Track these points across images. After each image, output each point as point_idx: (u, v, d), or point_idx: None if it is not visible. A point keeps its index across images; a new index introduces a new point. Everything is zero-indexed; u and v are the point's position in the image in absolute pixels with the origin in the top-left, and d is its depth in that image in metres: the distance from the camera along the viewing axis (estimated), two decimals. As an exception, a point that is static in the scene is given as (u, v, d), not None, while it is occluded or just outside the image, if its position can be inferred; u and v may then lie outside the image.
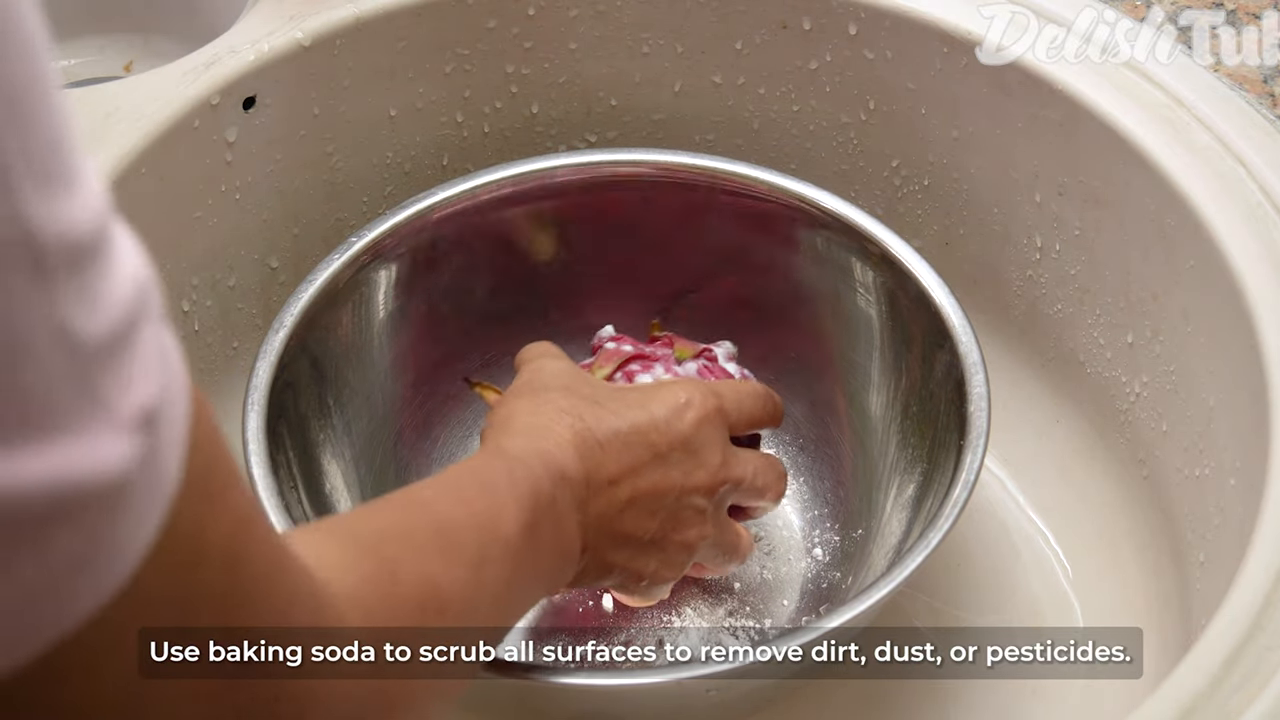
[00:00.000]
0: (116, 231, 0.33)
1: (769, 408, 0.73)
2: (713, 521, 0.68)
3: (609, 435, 0.64)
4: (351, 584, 0.45)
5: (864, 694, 0.78)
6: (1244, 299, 0.71)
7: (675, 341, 0.77)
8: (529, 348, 0.72)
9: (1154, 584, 0.80)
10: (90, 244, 0.31)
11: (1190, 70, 0.80)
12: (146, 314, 0.33)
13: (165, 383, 0.34)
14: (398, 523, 0.52)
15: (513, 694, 0.69)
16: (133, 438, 0.32)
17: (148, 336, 0.33)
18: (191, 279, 0.83)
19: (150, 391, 0.33)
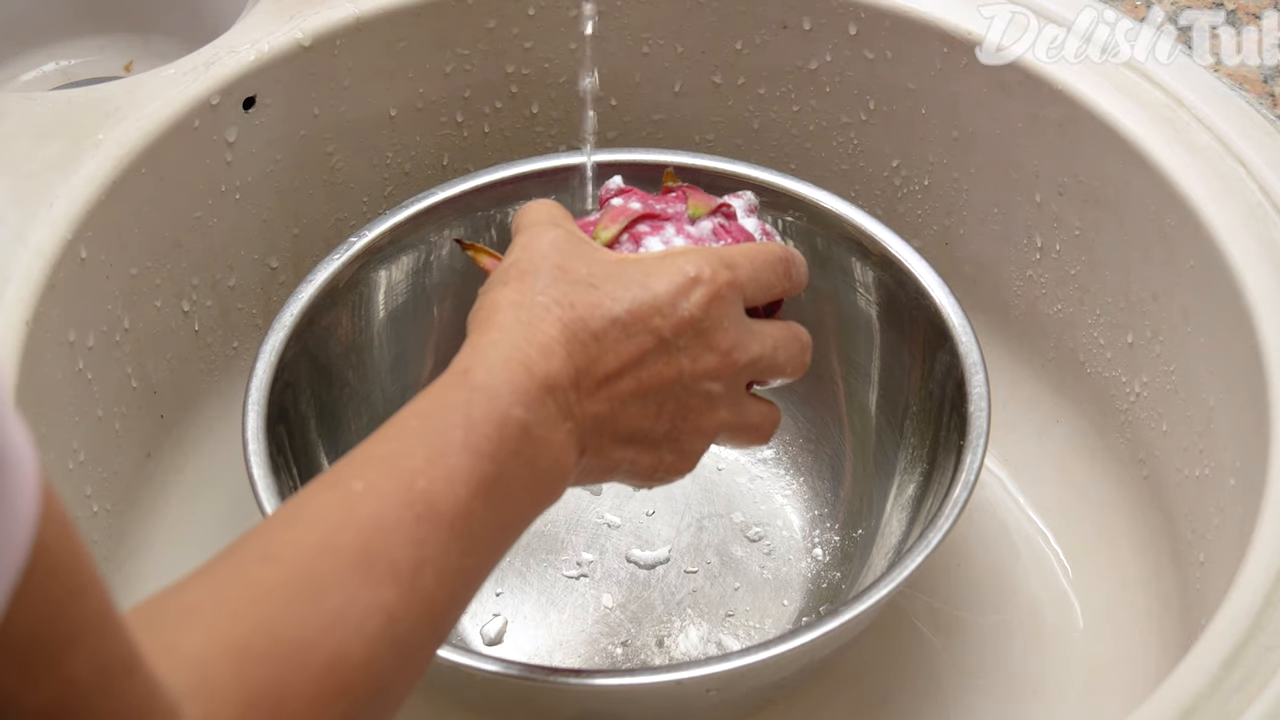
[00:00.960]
0: None
1: (790, 274, 0.64)
2: (729, 405, 0.62)
3: (605, 324, 0.57)
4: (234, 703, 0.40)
5: (864, 694, 0.78)
6: (1244, 299, 0.71)
7: (690, 195, 0.68)
8: (527, 209, 0.64)
9: (1154, 584, 0.80)
10: None
11: (1190, 70, 0.80)
12: None
13: None
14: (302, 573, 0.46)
15: (513, 694, 0.69)
16: None
17: None
18: (191, 279, 0.83)
19: None
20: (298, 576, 0.45)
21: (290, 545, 0.47)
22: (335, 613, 0.45)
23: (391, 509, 0.49)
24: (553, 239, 0.60)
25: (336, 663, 0.44)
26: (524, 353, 0.55)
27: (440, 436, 0.52)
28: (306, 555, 0.46)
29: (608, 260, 0.60)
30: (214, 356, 0.86)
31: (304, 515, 0.49)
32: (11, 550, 0.30)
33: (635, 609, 0.80)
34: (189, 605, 0.44)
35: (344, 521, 0.48)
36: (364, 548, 0.47)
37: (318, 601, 0.45)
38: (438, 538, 0.49)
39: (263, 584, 0.45)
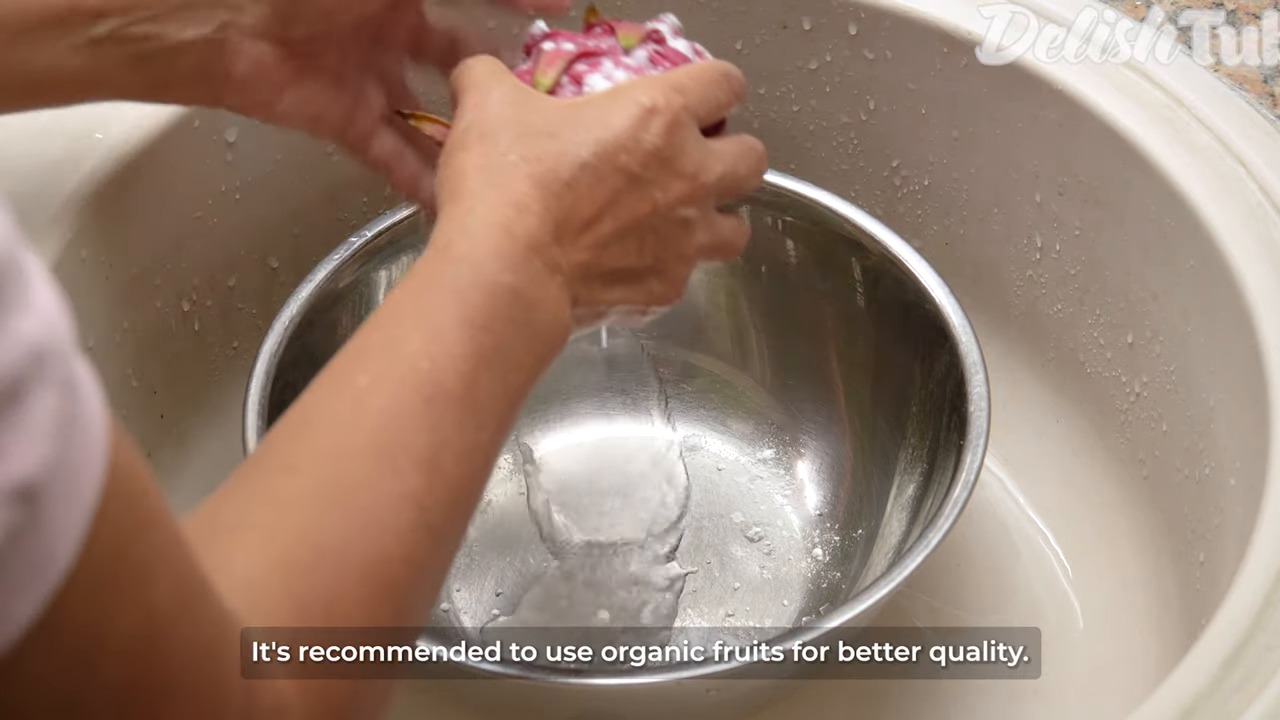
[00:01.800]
0: (17, 282, 0.30)
1: (734, 87, 0.64)
2: (704, 227, 0.61)
3: (575, 171, 0.56)
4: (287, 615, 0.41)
5: (864, 694, 0.78)
6: (1244, 299, 0.71)
7: (616, 28, 0.66)
8: (464, 68, 0.61)
9: (1154, 584, 0.80)
10: None
11: (1190, 70, 0.80)
12: (39, 382, 0.30)
13: (59, 457, 0.31)
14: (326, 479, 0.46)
15: (513, 694, 0.69)
16: (3, 511, 0.29)
17: (37, 405, 0.30)
18: (191, 279, 0.83)
19: (31, 464, 0.30)
20: (323, 483, 0.46)
21: (308, 452, 0.47)
22: (366, 513, 0.45)
23: (400, 398, 0.48)
24: (501, 95, 0.59)
25: (377, 562, 0.44)
26: (501, 215, 0.54)
27: (434, 315, 0.51)
28: (327, 460, 0.46)
29: (562, 107, 0.59)
30: (214, 356, 0.86)
31: (315, 418, 0.48)
32: (89, 473, 0.31)
33: (634, 609, 0.80)
34: (227, 527, 0.44)
35: (356, 419, 0.48)
36: (381, 442, 0.47)
37: (347, 505, 0.45)
38: (450, 418, 0.49)
39: (291, 496, 0.45)
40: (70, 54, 0.57)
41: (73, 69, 0.58)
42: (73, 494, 0.31)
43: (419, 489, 0.47)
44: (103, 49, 0.58)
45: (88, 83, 0.59)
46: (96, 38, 0.57)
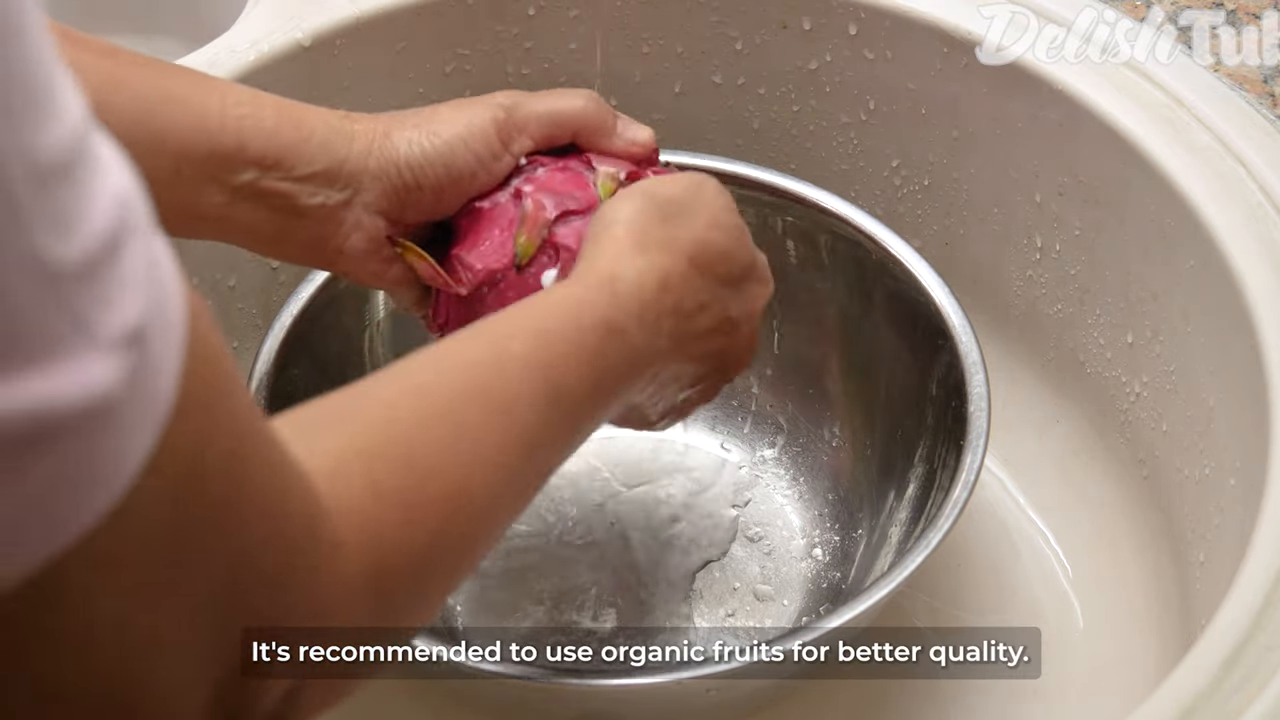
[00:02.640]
0: (95, 148, 0.33)
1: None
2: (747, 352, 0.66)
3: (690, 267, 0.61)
4: (358, 502, 0.44)
5: (864, 694, 0.78)
6: (1244, 299, 0.71)
7: (597, 167, 0.67)
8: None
9: (1154, 584, 0.80)
10: (63, 167, 0.31)
11: (1190, 70, 0.80)
12: (130, 230, 0.33)
13: (154, 298, 0.33)
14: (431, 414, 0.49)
15: (513, 694, 0.69)
16: (117, 358, 0.32)
17: (132, 252, 0.33)
18: (191, 279, 0.82)
19: (136, 309, 0.32)
20: (442, 411, 0.49)
21: (441, 383, 0.50)
22: (468, 452, 0.48)
23: (532, 384, 0.51)
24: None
25: (460, 491, 0.47)
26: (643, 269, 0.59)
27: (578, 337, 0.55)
28: (454, 396, 0.49)
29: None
30: (214, 356, 0.86)
31: (460, 361, 0.52)
32: (175, 309, 0.34)
33: (634, 608, 0.80)
34: (334, 411, 0.47)
35: (492, 380, 0.51)
36: (506, 408, 0.50)
37: (455, 437, 0.48)
38: (559, 420, 0.53)
39: (408, 410, 0.48)
40: (216, 192, 0.61)
41: (214, 206, 0.62)
42: (168, 333, 0.34)
43: (515, 462, 0.50)
44: (240, 195, 0.62)
45: (222, 222, 0.62)
46: (239, 184, 0.62)
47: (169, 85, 0.62)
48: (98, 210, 0.32)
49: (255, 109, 0.63)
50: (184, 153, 0.60)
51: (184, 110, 0.61)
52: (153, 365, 0.33)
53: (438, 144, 0.65)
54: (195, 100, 0.62)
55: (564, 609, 0.81)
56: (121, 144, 0.59)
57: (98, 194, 0.32)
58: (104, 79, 0.60)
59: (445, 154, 0.64)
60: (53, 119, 0.31)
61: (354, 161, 0.63)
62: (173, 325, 0.34)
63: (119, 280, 0.32)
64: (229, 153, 0.61)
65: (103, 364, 0.31)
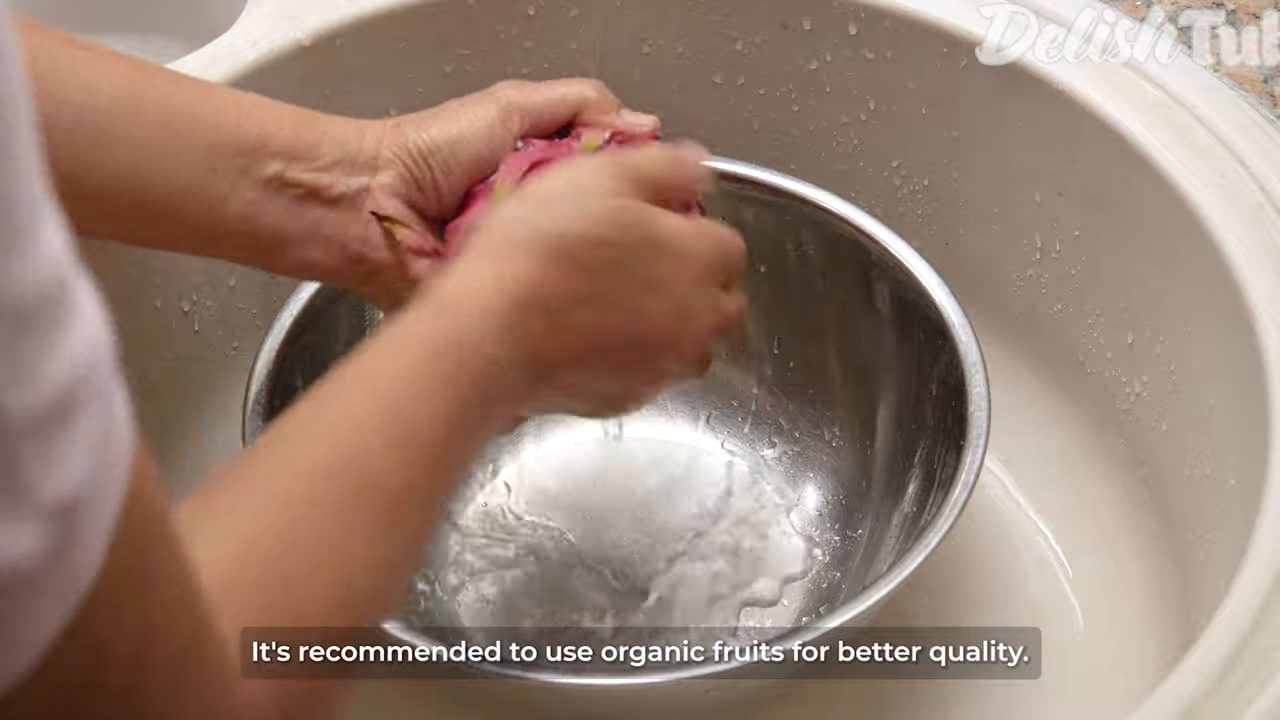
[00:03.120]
0: (72, 297, 0.31)
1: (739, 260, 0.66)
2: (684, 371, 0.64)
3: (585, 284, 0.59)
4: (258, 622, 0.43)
5: (864, 694, 0.78)
6: (1244, 299, 0.71)
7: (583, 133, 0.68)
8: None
9: (1154, 584, 0.80)
10: (32, 313, 0.29)
11: (1190, 70, 0.80)
12: (90, 391, 0.31)
13: (97, 470, 0.31)
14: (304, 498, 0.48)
15: (513, 694, 0.69)
16: (47, 528, 0.30)
17: (87, 416, 0.31)
18: (191, 279, 0.83)
19: (77, 479, 0.31)
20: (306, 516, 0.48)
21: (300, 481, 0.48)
22: (339, 537, 0.47)
23: (386, 442, 0.50)
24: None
25: (341, 586, 0.47)
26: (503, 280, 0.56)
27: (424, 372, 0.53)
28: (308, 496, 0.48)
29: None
30: (214, 356, 0.86)
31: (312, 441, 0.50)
32: (115, 487, 0.32)
33: (634, 608, 0.80)
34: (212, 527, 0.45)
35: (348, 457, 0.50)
36: (364, 481, 0.49)
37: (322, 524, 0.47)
38: (427, 464, 0.51)
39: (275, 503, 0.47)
40: (248, 186, 0.63)
41: (246, 202, 0.63)
42: (102, 508, 0.32)
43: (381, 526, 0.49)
44: (270, 188, 0.63)
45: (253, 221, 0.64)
46: (268, 177, 0.63)
47: (188, 88, 0.64)
48: (60, 365, 0.30)
49: (270, 107, 0.65)
50: (215, 148, 0.62)
51: (207, 109, 0.63)
52: (79, 542, 0.31)
53: (446, 130, 0.66)
54: (215, 100, 0.64)
55: (564, 609, 0.81)
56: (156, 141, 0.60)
57: (63, 348, 0.30)
58: (131, 84, 0.62)
59: (453, 139, 0.66)
60: (29, 255, 0.29)
61: (367, 150, 0.65)
62: (107, 503, 0.32)
63: (65, 445, 0.30)
64: (254, 147, 0.63)
65: (30, 531, 0.30)
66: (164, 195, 0.62)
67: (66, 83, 0.60)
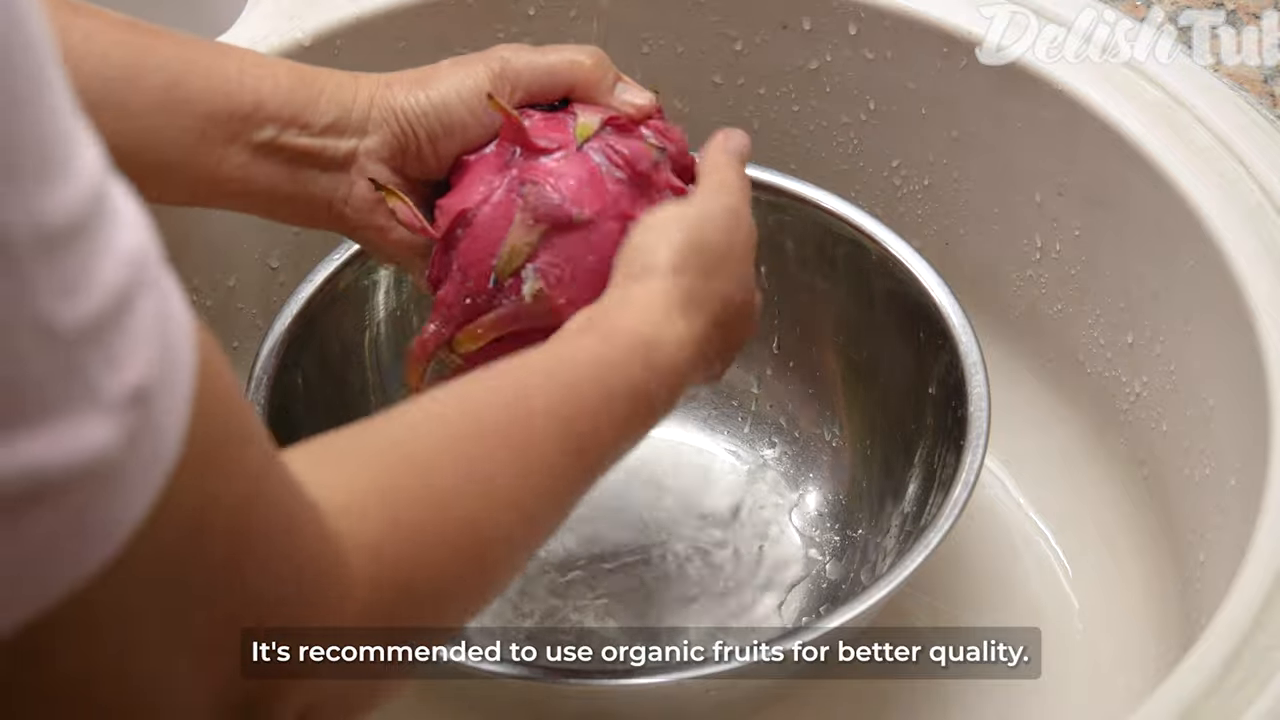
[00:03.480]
0: (110, 204, 0.32)
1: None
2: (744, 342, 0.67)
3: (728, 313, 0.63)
4: (374, 536, 0.44)
5: (864, 694, 0.78)
6: (1244, 299, 0.71)
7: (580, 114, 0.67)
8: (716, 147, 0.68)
9: (1154, 584, 0.80)
10: (72, 230, 0.31)
11: (1190, 70, 0.80)
12: (140, 287, 0.33)
13: (162, 356, 0.33)
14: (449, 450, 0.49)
15: (513, 694, 0.69)
16: (119, 418, 0.32)
17: (141, 310, 0.33)
18: (191, 279, 0.83)
19: (142, 369, 0.32)
20: (461, 448, 0.49)
21: (461, 421, 0.50)
22: (483, 491, 0.49)
23: (553, 434, 0.52)
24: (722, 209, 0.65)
25: (475, 528, 0.48)
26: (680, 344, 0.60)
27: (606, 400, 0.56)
28: (473, 435, 0.50)
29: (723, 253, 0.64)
30: (214, 356, 0.86)
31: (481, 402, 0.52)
32: (184, 366, 0.34)
33: (634, 609, 0.80)
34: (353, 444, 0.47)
35: (513, 424, 0.51)
36: (525, 453, 0.51)
37: (470, 475, 0.49)
38: (578, 472, 0.54)
39: (426, 444, 0.49)
40: (239, 151, 0.64)
41: (237, 166, 0.64)
42: (175, 389, 0.34)
43: (530, 501, 0.51)
44: (261, 153, 0.64)
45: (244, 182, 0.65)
46: (260, 142, 0.64)
47: (190, 53, 0.64)
48: (108, 270, 0.32)
49: (270, 70, 0.65)
50: (210, 115, 0.63)
51: (206, 75, 0.63)
52: (156, 425, 0.33)
53: (433, 96, 0.66)
54: (216, 66, 0.64)
55: (564, 609, 0.81)
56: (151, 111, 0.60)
57: (109, 253, 0.32)
58: (131, 51, 0.62)
59: (439, 105, 0.66)
60: (64, 181, 0.31)
61: (359, 111, 0.66)
62: (179, 383, 0.34)
63: (126, 340, 0.32)
64: (248, 112, 0.63)
65: (104, 425, 0.31)
66: (157, 159, 0.63)
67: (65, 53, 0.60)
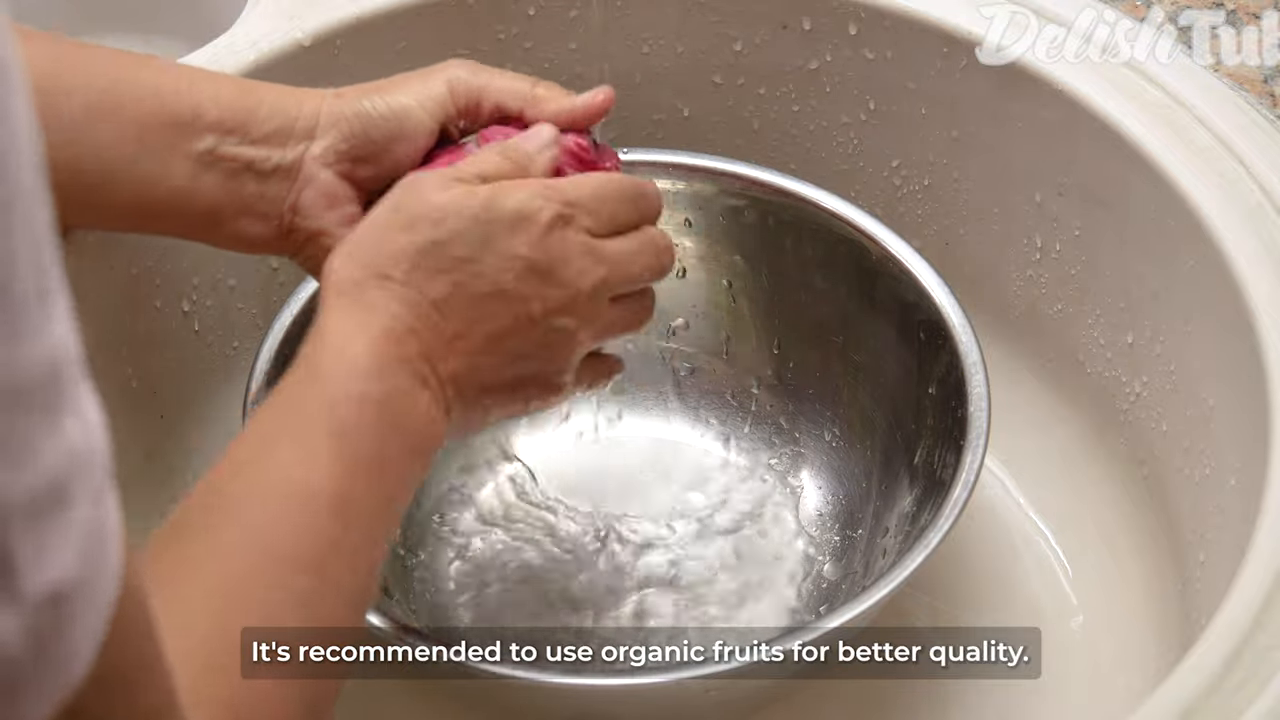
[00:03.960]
0: (71, 389, 0.31)
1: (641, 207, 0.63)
2: (586, 329, 0.61)
3: (444, 290, 0.57)
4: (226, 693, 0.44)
5: (864, 694, 0.78)
6: (1244, 299, 0.71)
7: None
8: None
9: (1154, 584, 0.80)
10: (31, 395, 0.29)
11: (1190, 70, 0.80)
12: (86, 484, 0.31)
13: (90, 565, 0.31)
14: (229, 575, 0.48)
15: (513, 694, 0.69)
16: (31, 618, 0.30)
17: (79, 508, 0.31)
18: (191, 279, 0.83)
19: (67, 570, 0.30)
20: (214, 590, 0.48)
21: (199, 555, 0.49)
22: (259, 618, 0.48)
23: (279, 506, 0.51)
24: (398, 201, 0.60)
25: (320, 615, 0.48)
26: (368, 333, 0.56)
27: (305, 428, 0.53)
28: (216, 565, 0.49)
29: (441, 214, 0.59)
30: (214, 356, 0.86)
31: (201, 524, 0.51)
32: (108, 582, 0.32)
33: (634, 608, 0.80)
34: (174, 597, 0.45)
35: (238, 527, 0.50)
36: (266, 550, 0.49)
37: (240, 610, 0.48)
38: (328, 522, 0.51)
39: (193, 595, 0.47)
40: (180, 162, 0.62)
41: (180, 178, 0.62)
42: (94, 603, 0.32)
43: (307, 592, 0.49)
44: (202, 164, 0.62)
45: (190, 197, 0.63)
46: (200, 152, 0.62)
47: (120, 64, 0.63)
48: (56, 453, 0.30)
49: (209, 81, 0.64)
50: (144, 121, 0.61)
51: (135, 83, 0.62)
52: (68, 634, 0.31)
53: (392, 101, 0.65)
54: (146, 76, 0.63)
55: (564, 610, 0.81)
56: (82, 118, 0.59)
57: (61, 436, 0.30)
58: (53, 61, 0.60)
59: (400, 110, 0.65)
60: (24, 339, 0.29)
61: (305, 119, 0.64)
62: (100, 597, 0.32)
63: (59, 533, 0.30)
64: (186, 120, 0.62)
65: (15, 620, 0.29)
66: (94, 175, 0.61)
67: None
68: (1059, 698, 0.78)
